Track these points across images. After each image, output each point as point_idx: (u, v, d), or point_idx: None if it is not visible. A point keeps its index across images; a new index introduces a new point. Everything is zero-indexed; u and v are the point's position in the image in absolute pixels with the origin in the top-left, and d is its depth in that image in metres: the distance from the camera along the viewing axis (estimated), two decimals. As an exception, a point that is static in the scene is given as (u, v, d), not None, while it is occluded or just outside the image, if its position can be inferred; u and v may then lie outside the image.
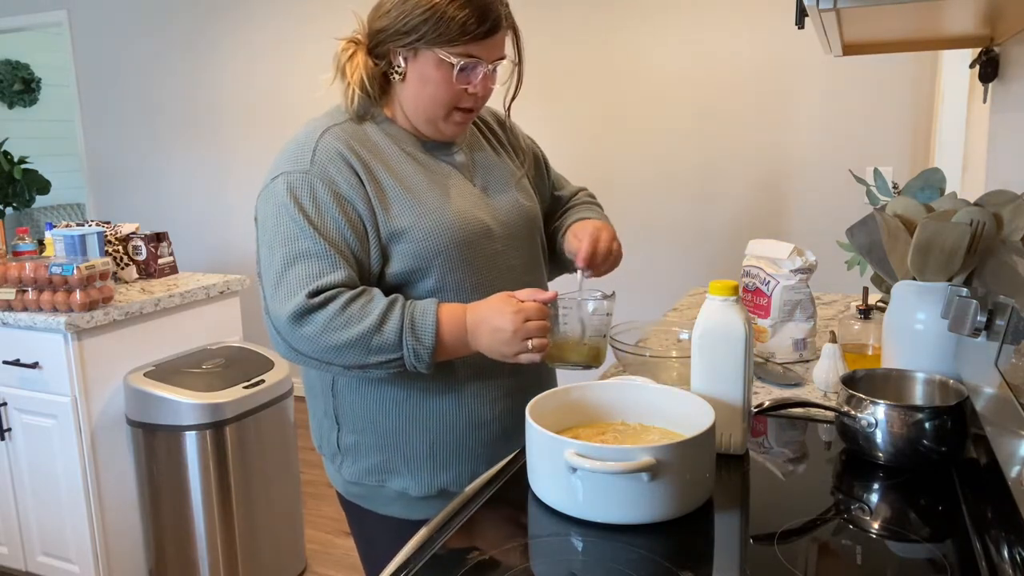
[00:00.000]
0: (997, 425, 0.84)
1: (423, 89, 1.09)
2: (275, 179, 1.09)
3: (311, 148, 1.09)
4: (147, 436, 2.20)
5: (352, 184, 1.07)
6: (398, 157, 1.13)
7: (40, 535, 2.35)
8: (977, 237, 1.12)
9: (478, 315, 1.06)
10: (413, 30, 1.05)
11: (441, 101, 1.10)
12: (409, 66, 1.09)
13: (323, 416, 1.22)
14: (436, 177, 1.14)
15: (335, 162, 1.07)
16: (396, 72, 1.10)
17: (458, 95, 1.10)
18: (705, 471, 0.92)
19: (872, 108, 3.00)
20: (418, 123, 1.15)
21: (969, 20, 1.33)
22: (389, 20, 1.07)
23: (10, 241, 2.66)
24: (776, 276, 1.55)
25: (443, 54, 1.06)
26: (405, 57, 1.08)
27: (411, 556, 0.86)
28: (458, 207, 1.12)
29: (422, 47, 1.06)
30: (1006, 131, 1.71)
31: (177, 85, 4.34)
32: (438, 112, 1.11)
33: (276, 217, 1.07)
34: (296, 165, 1.08)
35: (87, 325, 2.14)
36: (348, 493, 1.25)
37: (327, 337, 1.03)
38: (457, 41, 1.05)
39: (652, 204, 3.41)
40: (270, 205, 1.08)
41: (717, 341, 1.03)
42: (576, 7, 3.38)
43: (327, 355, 1.05)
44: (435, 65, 1.07)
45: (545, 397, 1.03)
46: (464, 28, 1.04)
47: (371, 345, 1.04)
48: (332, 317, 1.03)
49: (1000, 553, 0.80)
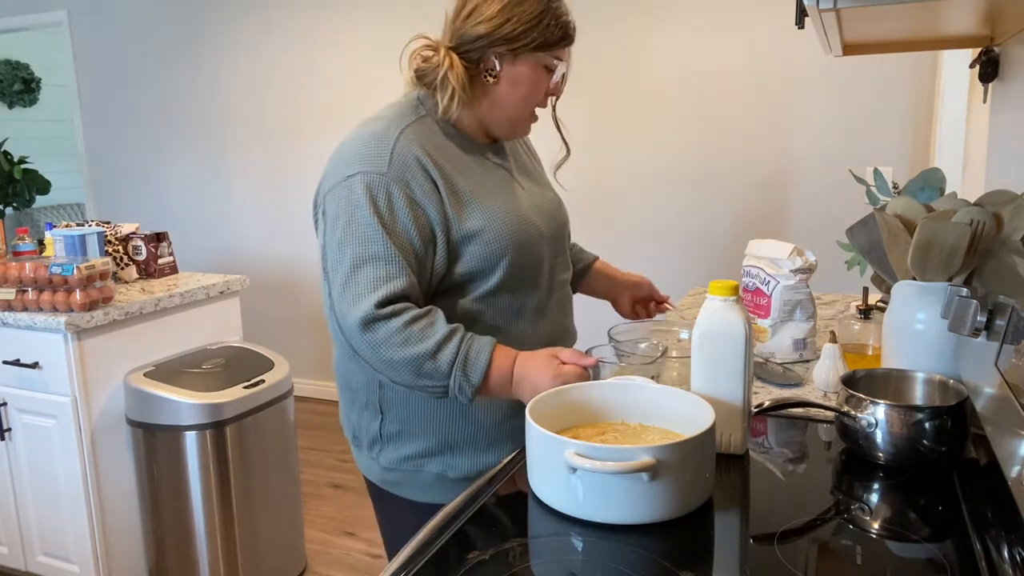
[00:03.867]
0: (997, 425, 0.84)
1: (515, 91, 1.14)
2: (351, 177, 1.09)
3: (388, 150, 1.10)
4: (147, 436, 2.20)
5: (426, 189, 1.10)
6: (464, 160, 1.16)
7: (40, 535, 2.35)
8: (977, 237, 1.12)
9: (524, 369, 1.09)
10: (520, 36, 1.10)
11: (532, 102, 1.16)
12: (504, 70, 1.13)
13: (363, 407, 1.25)
14: (496, 180, 1.18)
15: (411, 166, 1.10)
16: (490, 76, 1.13)
17: (542, 97, 1.17)
18: (705, 471, 0.92)
19: (872, 108, 3.00)
20: (497, 123, 1.18)
21: (969, 20, 1.33)
22: (491, 26, 1.11)
23: (10, 241, 2.66)
24: (776, 276, 1.55)
25: (543, 58, 1.13)
26: (501, 61, 1.12)
27: (411, 556, 0.86)
28: (519, 210, 1.17)
29: (523, 52, 1.11)
30: (1006, 131, 1.71)
31: (177, 85, 4.34)
32: (524, 113, 1.17)
33: (349, 216, 1.08)
34: (373, 166, 1.09)
35: (87, 325, 2.14)
36: (383, 481, 1.26)
37: (385, 351, 1.06)
38: (556, 46, 1.13)
39: (652, 204, 3.41)
40: (344, 202, 1.09)
41: (717, 341, 1.03)
42: (576, 7, 3.38)
43: (380, 365, 1.08)
44: (531, 68, 1.13)
45: (545, 397, 1.03)
46: (563, 32, 1.13)
47: (423, 369, 1.07)
48: (394, 332, 1.06)
49: (1000, 553, 0.80)
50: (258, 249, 4.30)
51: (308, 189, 4.09)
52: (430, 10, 4.05)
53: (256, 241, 4.30)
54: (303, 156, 4.08)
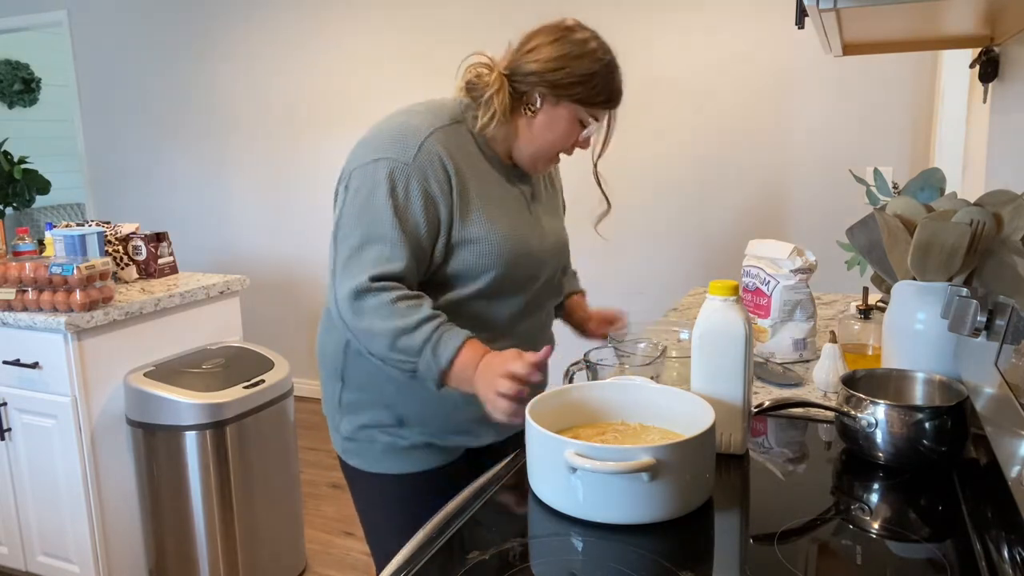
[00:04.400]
0: (997, 425, 0.84)
1: (547, 132, 1.21)
2: (377, 161, 1.16)
3: (417, 144, 1.16)
4: (147, 436, 2.20)
5: (443, 188, 1.16)
6: (486, 172, 1.23)
7: (40, 535, 2.35)
8: (977, 237, 1.12)
9: (484, 369, 1.12)
10: (566, 86, 1.17)
11: (558, 147, 1.24)
12: (543, 108, 1.19)
13: (330, 376, 1.33)
14: (508, 199, 1.25)
15: (434, 164, 1.16)
16: (529, 110, 1.20)
17: (570, 145, 1.24)
18: (705, 471, 0.92)
19: (872, 108, 3.00)
20: (521, 154, 1.25)
21: (969, 20, 1.33)
22: (545, 68, 1.17)
23: (10, 241, 2.66)
24: (776, 276, 1.55)
25: (582, 112, 1.20)
26: (543, 101, 1.19)
27: (411, 556, 0.86)
28: (519, 232, 1.23)
29: (565, 100, 1.18)
30: (1006, 131, 1.71)
31: (177, 85, 4.34)
32: (549, 154, 1.24)
33: (369, 195, 1.15)
34: (400, 155, 1.15)
35: (87, 325, 2.14)
36: (344, 452, 1.34)
37: (368, 320, 1.13)
38: (596, 105, 1.20)
39: (652, 204, 3.41)
40: (368, 181, 1.15)
41: (717, 341, 1.03)
42: (576, 7, 3.38)
43: (361, 333, 1.15)
44: (568, 118, 1.20)
45: (545, 397, 1.03)
46: (608, 96, 1.20)
47: (398, 343, 1.12)
48: (381, 305, 1.12)
49: (1000, 553, 0.80)
50: (258, 249, 4.30)
51: (308, 189, 4.09)
52: (430, 11, 4.05)
53: (256, 241, 4.30)
54: (303, 156, 4.08)
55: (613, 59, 1.20)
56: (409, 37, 3.69)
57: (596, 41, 1.20)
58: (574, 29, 1.20)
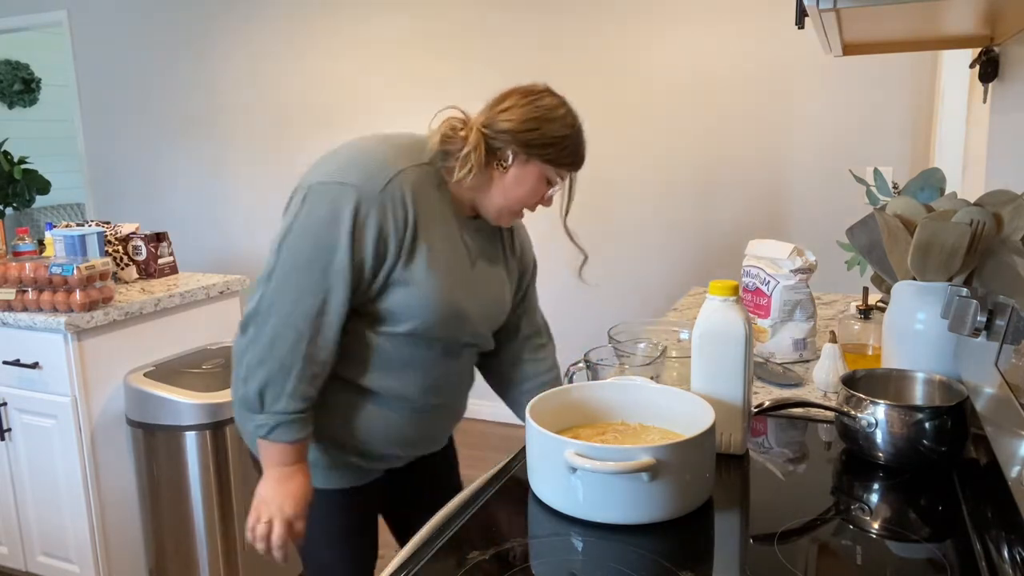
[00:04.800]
0: (997, 425, 0.84)
1: (516, 188, 1.26)
2: (344, 185, 1.16)
3: (387, 178, 1.18)
4: (147, 436, 2.20)
5: (397, 227, 1.18)
6: (442, 220, 1.26)
7: (40, 535, 2.35)
8: (977, 237, 1.12)
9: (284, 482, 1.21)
10: (538, 146, 1.23)
11: (525, 203, 1.28)
12: (514, 165, 1.24)
13: None
14: (454, 252, 1.27)
15: (396, 202, 1.18)
16: (501, 165, 1.25)
17: (534, 201, 1.29)
18: (705, 471, 0.92)
19: (872, 108, 3.00)
20: (488, 207, 1.29)
21: (969, 20, 1.33)
22: (519, 127, 1.22)
23: (10, 241, 2.66)
24: (776, 276, 1.55)
25: (550, 172, 1.25)
26: (515, 158, 1.24)
27: (411, 556, 0.86)
28: (453, 287, 1.25)
29: (536, 159, 1.24)
30: (1006, 131, 1.71)
31: (177, 85, 4.34)
32: (515, 208, 1.28)
33: (329, 216, 1.15)
34: (367, 184, 1.16)
35: (87, 325, 2.14)
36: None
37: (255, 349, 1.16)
38: (562, 165, 1.26)
39: (652, 204, 3.41)
40: (330, 203, 1.16)
41: (717, 341, 1.03)
42: (575, 7, 3.38)
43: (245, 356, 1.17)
44: (537, 176, 1.25)
45: (545, 397, 1.03)
46: (574, 159, 1.27)
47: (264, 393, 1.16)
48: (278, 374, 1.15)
49: (1000, 553, 0.80)
50: (258, 249, 4.30)
51: (308, 189, 4.09)
52: (429, 12, 4.05)
53: (256, 241, 4.30)
54: (303, 156, 4.08)
55: (580, 126, 1.27)
56: (409, 39, 3.69)
57: (565, 108, 1.26)
58: (546, 94, 1.26)
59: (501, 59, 3.50)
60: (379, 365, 1.24)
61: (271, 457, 1.20)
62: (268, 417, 1.17)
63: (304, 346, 1.14)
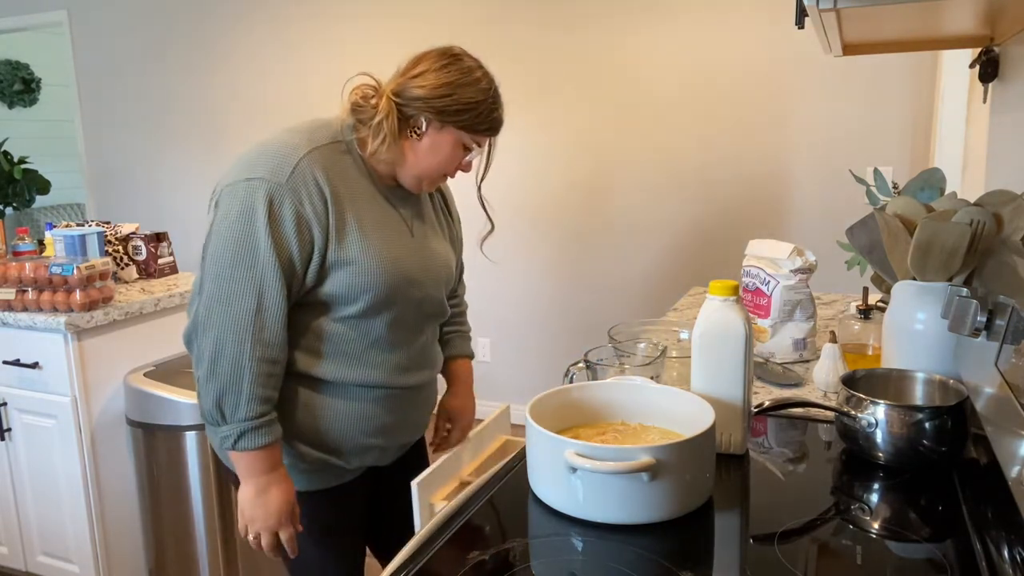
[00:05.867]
0: (997, 425, 0.84)
1: (433, 156, 1.23)
2: (251, 181, 1.15)
3: (292, 165, 1.16)
4: (147, 436, 2.20)
5: (316, 210, 1.16)
6: (365, 194, 1.23)
7: (40, 535, 2.35)
8: (977, 237, 1.12)
9: (268, 491, 1.21)
10: (452, 112, 1.19)
11: (443, 170, 1.26)
12: (428, 132, 1.22)
13: None
14: (387, 221, 1.26)
15: (308, 185, 1.16)
16: (415, 133, 1.22)
17: (453, 168, 1.27)
18: (705, 471, 0.92)
19: (872, 108, 3.00)
20: (406, 175, 1.26)
21: (969, 20, 1.33)
22: (431, 94, 1.19)
23: (10, 241, 2.66)
24: (776, 276, 1.55)
25: (466, 138, 1.23)
26: (428, 125, 1.21)
27: (411, 556, 0.86)
28: (396, 254, 1.24)
29: (450, 126, 1.21)
30: (1006, 131, 1.71)
31: (177, 85, 4.34)
32: (434, 176, 1.26)
33: (242, 216, 1.14)
34: (273, 176, 1.15)
35: (87, 325, 2.14)
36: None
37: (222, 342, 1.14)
38: (479, 132, 1.23)
39: (652, 204, 3.41)
40: (239, 202, 1.14)
41: (717, 341, 1.03)
42: (575, 7, 3.38)
43: (202, 358, 1.15)
44: (452, 143, 1.23)
45: (545, 397, 1.03)
46: (491, 125, 1.24)
47: (222, 400, 1.15)
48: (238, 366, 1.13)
49: (1000, 553, 0.80)
50: (258, 249, 4.30)
51: (308, 189, 4.09)
52: (428, 12, 4.05)
53: (256, 241, 4.29)
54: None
55: (497, 89, 1.24)
56: (408, 39, 3.69)
57: (481, 71, 1.22)
58: (461, 57, 1.22)
59: (501, 58, 3.50)
60: (340, 354, 1.23)
61: (246, 468, 1.19)
62: (232, 427, 1.15)
63: (250, 348, 1.13)
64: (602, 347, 1.26)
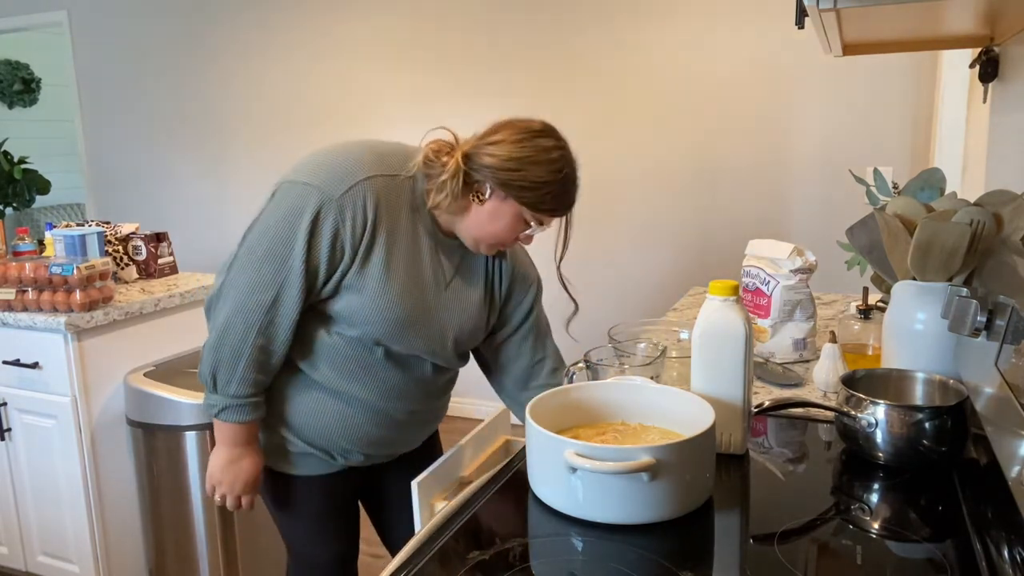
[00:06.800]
0: (997, 425, 0.84)
1: (492, 223, 1.21)
2: (307, 186, 1.16)
3: (349, 183, 1.17)
4: (147, 436, 2.20)
5: (354, 233, 1.17)
6: (411, 237, 1.23)
7: (40, 535, 2.35)
8: (977, 237, 1.12)
9: (228, 464, 1.28)
10: (517, 187, 1.17)
11: (500, 238, 1.23)
12: (491, 199, 1.20)
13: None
14: (420, 267, 1.25)
15: (356, 207, 1.17)
16: (478, 197, 1.21)
17: (512, 239, 1.25)
18: (705, 471, 0.92)
19: (872, 108, 3.00)
20: (465, 234, 1.25)
21: (969, 20, 1.33)
22: (500, 165, 1.17)
23: (10, 241, 2.66)
24: (776, 276, 1.55)
25: (527, 214, 1.20)
26: (493, 193, 1.20)
27: (411, 556, 0.86)
28: (411, 300, 1.23)
29: (513, 199, 1.19)
30: (1006, 131, 1.71)
31: (177, 85, 4.34)
32: (490, 241, 1.24)
33: (289, 215, 1.16)
34: (328, 188, 1.16)
35: (87, 325, 2.14)
36: None
37: (229, 334, 1.19)
38: (541, 211, 1.20)
39: (652, 204, 3.41)
40: (288, 201, 1.17)
41: (717, 341, 1.03)
42: (576, 6, 3.38)
43: (218, 332, 1.20)
44: (514, 215, 1.20)
45: (545, 397, 1.03)
46: (555, 206, 1.21)
47: (217, 370, 1.20)
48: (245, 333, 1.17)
49: (1000, 553, 0.80)
50: (258, 249, 4.30)
51: (308, 189, 4.08)
52: (428, 13, 4.04)
53: (256, 241, 4.29)
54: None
55: (572, 172, 1.21)
56: (408, 40, 3.69)
57: (560, 152, 1.19)
58: (542, 133, 1.19)
59: (500, 59, 3.50)
60: (334, 364, 1.25)
61: (223, 435, 1.26)
62: (219, 399, 1.21)
63: (254, 336, 1.17)
64: (602, 347, 1.26)
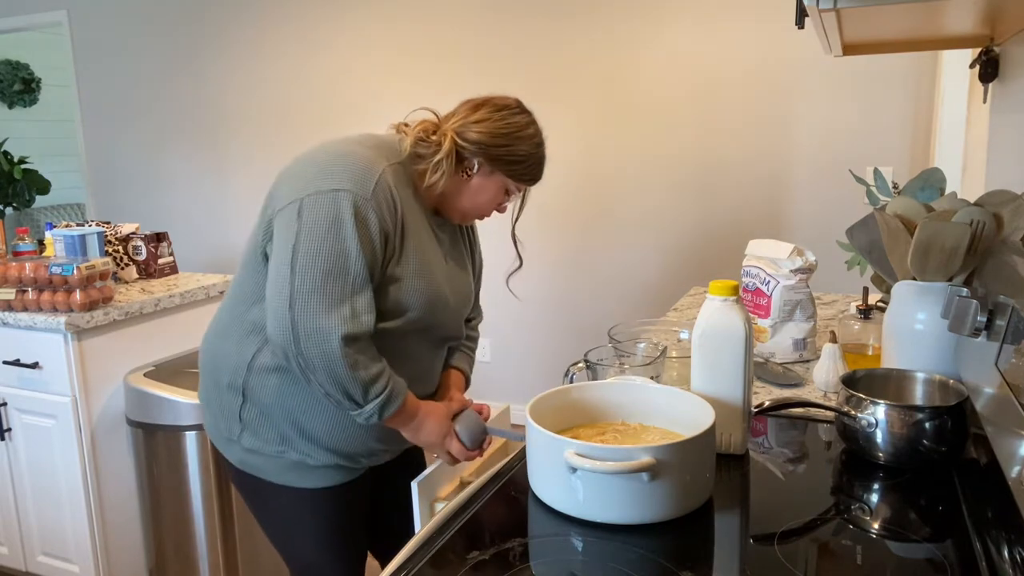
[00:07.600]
0: (997, 425, 0.84)
1: (478, 195, 1.32)
2: (337, 192, 1.16)
3: (374, 178, 1.20)
4: (147, 436, 2.20)
5: (394, 224, 1.22)
6: (419, 217, 1.30)
7: (40, 535, 2.35)
8: (977, 237, 1.12)
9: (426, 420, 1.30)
10: (504, 161, 1.28)
11: (483, 209, 1.35)
12: (478, 174, 1.30)
13: (227, 388, 1.32)
14: (431, 246, 1.32)
15: (388, 200, 1.21)
16: (467, 173, 1.30)
17: (492, 207, 1.36)
18: (705, 471, 0.92)
19: (872, 108, 3.00)
20: (450, 209, 1.34)
21: (969, 20, 1.33)
22: (491, 141, 1.27)
23: (10, 241, 2.66)
24: (776, 276, 1.55)
25: (510, 184, 1.32)
26: (480, 168, 1.29)
27: (411, 556, 0.86)
28: (437, 279, 1.31)
29: (499, 172, 1.30)
30: (1006, 131, 1.71)
31: (177, 85, 4.34)
32: (475, 213, 1.35)
33: (333, 226, 1.15)
34: (360, 188, 1.18)
35: (87, 325, 2.14)
36: (245, 464, 1.35)
37: (335, 365, 1.15)
38: (522, 180, 1.33)
39: (652, 203, 3.41)
40: (324, 213, 1.15)
41: (717, 341, 1.03)
42: (576, 6, 3.38)
43: (321, 371, 1.15)
44: (497, 187, 1.32)
45: (545, 397, 1.03)
46: (533, 176, 1.33)
47: (350, 391, 1.17)
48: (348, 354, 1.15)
49: (1000, 553, 0.80)
50: (258, 249, 4.30)
51: (308, 189, 4.08)
52: (428, 14, 4.05)
53: (256, 241, 4.29)
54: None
55: (544, 144, 1.33)
56: (408, 40, 3.69)
57: (535, 126, 1.31)
58: (519, 110, 1.30)
59: (500, 59, 3.50)
60: None
61: (400, 424, 1.27)
62: (369, 408, 1.20)
63: (351, 349, 1.15)
64: (602, 347, 1.26)
